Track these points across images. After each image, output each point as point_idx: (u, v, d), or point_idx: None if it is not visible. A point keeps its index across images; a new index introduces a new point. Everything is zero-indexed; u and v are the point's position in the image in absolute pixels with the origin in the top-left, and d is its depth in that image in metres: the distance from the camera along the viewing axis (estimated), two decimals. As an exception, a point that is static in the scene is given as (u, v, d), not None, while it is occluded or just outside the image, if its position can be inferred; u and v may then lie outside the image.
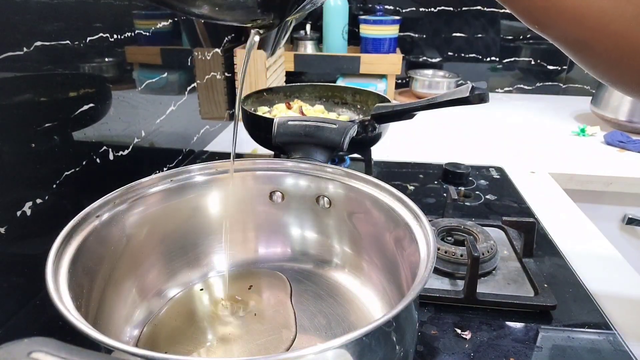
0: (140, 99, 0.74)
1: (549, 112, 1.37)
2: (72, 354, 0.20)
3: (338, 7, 1.36)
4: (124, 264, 0.42)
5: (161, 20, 0.80)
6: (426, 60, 1.56)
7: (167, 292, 0.47)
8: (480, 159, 0.99)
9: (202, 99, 0.99)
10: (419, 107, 0.70)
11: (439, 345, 0.48)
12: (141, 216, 0.44)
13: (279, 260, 0.52)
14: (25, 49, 0.49)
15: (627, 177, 0.94)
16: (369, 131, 0.78)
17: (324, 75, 1.44)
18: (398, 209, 0.41)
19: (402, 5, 1.48)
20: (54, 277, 0.31)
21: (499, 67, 1.55)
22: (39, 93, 0.52)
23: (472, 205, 0.79)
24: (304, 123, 0.51)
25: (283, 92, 0.99)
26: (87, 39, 0.59)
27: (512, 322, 0.51)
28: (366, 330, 0.26)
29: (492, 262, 0.58)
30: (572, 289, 0.57)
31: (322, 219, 0.50)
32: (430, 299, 0.54)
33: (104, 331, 0.38)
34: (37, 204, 0.51)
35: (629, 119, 1.15)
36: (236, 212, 0.51)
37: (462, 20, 1.49)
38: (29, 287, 0.52)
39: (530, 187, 0.87)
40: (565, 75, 1.53)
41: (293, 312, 0.46)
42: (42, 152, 0.52)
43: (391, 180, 0.88)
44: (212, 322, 0.45)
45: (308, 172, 0.49)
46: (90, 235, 0.37)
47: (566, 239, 0.69)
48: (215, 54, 1.03)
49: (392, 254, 0.43)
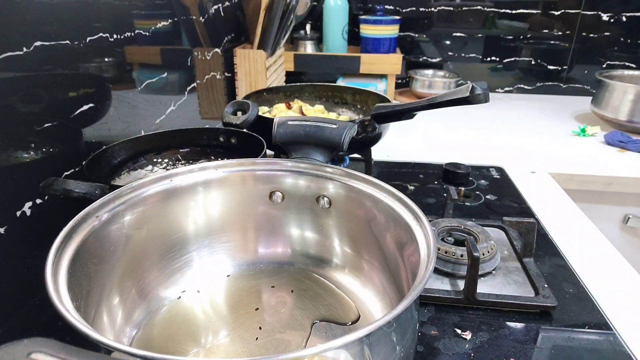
0: (140, 99, 0.74)
1: (549, 112, 1.37)
2: (71, 355, 0.20)
3: (338, 7, 1.36)
4: (123, 264, 0.42)
5: (161, 20, 0.80)
6: (426, 60, 1.56)
7: (167, 293, 0.47)
8: (480, 159, 0.99)
9: (202, 99, 0.99)
10: (419, 107, 0.70)
11: (439, 346, 0.48)
12: (141, 216, 0.43)
13: (279, 260, 0.52)
14: (25, 49, 0.49)
15: (627, 177, 0.94)
16: (369, 131, 0.78)
17: (324, 75, 1.44)
18: (398, 209, 0.41)
19: (402, 5, 1.48)
20: (54, 277, 0.31)
21: (499, 67, 1.55)
22: (39, 93, 0.51)
23: (472, 205, 0.79)
24: (304, 123, 0.51)
25: (283, 92, 0.99)
26: (87, 39, 0.59)
27: (512, 322, 0.51)
28: (366, 330, 0.26)
29: (492, 262, 0.58)
30: (572, 289, 0.57)
31: (322, 219, 0.50)
32: (431, 299, 0.54)
33: (103, 332, 0.38)
34: (37, 204, 0.51)
35: (629, 119, 1.15)
36: (236, 212, 0.51)
37: (462, 20, 1.49)
38: (29, 287, 0.52)
39: (530, 187, 0.87)
40: (565, 75, 1.53)
41: (293, 312, 0.46)
42: (42, 152, 0.52)
43: (391, 180, 0.88)
44: (212, 323, 0.45)
45: (308, 172, 0.49)
46: (89, 235, 0.37)
47: (566, 239, 0.69)
48: (215, 54, 1.03)
49: (392, 254, 0.43)
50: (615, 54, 1.49)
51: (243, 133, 0.70)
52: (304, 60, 1.39)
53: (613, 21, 1.45)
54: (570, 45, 1.50)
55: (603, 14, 1.44)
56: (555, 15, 1.47)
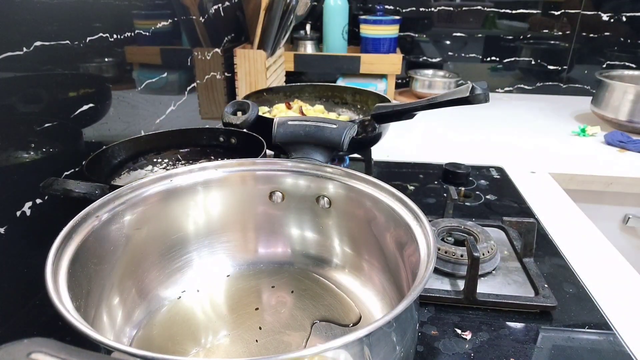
0: (140, 99, 0.74)
1: (549, 112, 1.37)
2: (71, 355, 0.20)
3: (338, 7, 1.36)
4: (123, 264, 0.42)
5: (161, 20, 0.80)
6: (426, 60, 1.56)
7: (167, 293, 0.47)
8: (480, 159, 0.99)
9: (202, 99, 0.99)
10: (419, 107, 0.70)
11: (439, 346, 0.48)
12: (141, 216, 0.43)
13: (279, 260, 0.52)
14: (25, 49, 0.49)
15: (627, 177, 0.94)
16: (369, 131, 0.78)
17: (324, 75, 1.44)
18: (398, 209, 0.41)
19: (402, 5, 1.48)
20: (54, 277, 0.31)
21: (499, 67, 1.55)
22: (39, 93, 0.51)
23: (472, 205, 0.79)
24: (304, 123, 0.51)
25: (283, 92, 0.99)
26: (87, 39, 0.59)
27: (512, 322, 0.51)
28: (366, 330, 0.26)
29: (492, 262, 0.58)
30: (572, 289, 0.57)
31: (322, 219, 0.50)
32: (431, 299, 0.54)
33: (103, 332, 0.38)
34: (37, 204, 0.51)
35: (629, 119, 1.15)
36: (236, 212, 0.51)
37: (462, 20, 1.49)
38: (29, 287, 0.52)
39: (530, 187, 0.87)
40: (565, 75, 1.53)
41: (293, 312, 0.46)
42: (42, 152, 0.52)
43: (391, 180, 0.88)
44: (212, 323, 0.45)
45: (308, 172, 0.49)
46: (89, 235, 0.37)
47: (566, 239, 0.69)
48: (215, 54, 1.03)
49: (392, 254, 0.43)
50: (615, 54, 1.49)
51: (243, 133, 0.70)
52: (304, 60, 1.39)
53: (613, 21, 1.44)
54: (570, 45, 1.50)
55: (603, 14, 1.44)
56: (555, 15, 1.47)
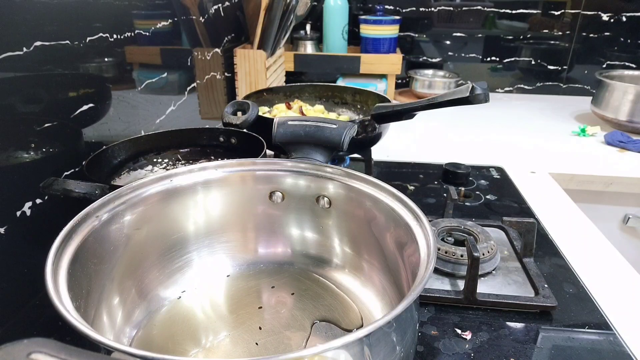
0: (140, 99, 0.74)
1: (549, 112, 1.37)
2: (71, 355, 0.20)
3: (338, 7, 1.36)
4: (123, 264, 0.42)
5: (161, 20, 0.80)
6: (426, 60, 1.56)
7: (167, 293, 0.47)
8: (480, 159, 0.99)
9: (202, 99, 0.99)
10: (419, 107, 0.70)
11: (439, 346, 0.48)
12: (141, 216, 0.43)
13: (279, 261, 0.52)
14: (25, 49, 0.49)
15: (627, 177, 0.94)
16: (369, 131, 0.78)
17: (324, 75, 1.44)
18: (398, 209, 0.41)
19: (402, 5, 1.48)
20: (54, 277, 0.31)
21: (499, 67, 1.55)
22: (39, 93, 0.51)
23: (472, 206, 0.79)
24: (304, 123, 0.51)
25: (283, 92, 0.99)
26: (87, 39, 0.59)
27: (512, 322, 0.51)
28: (366, 330, 0.26)
29: (492, 262, 0.58)
30: (572, 289, 0.57)
31: (322, 219, 0.50)
32: (431, 299, 0.54)
33: (103, 332, 0.38)
34: (37, 204, 0.51)
35: (629, 119, 1.15)
36: (236, 212, 0.51)
37: (462, 20, 1.49)
38: (29, 287, 0.52)
39: (530, 187, 0.87)
40: (565, 75, 1.53)
41: (293, 312, 0.46)
42: (42, 152, 0.52)
43: (391, 180, 0.88)
44: (212, 323, 0.45)
45: (308, 172, 0.49)
46: (89, 235, 0.37)
47: (566, 239, 0.69)
48: (215, 54, 1.03)
49: (392, 254, 0.43)
50: (615, 54, 1.49)
51: (243, 133, 0.70)
52: (304, 60, 1.39)
53: (613, 21, 1.44)
54: (570, 45, 1.50)
55: (603, 14, 1.44)
56: (555, 15, 1.47)
